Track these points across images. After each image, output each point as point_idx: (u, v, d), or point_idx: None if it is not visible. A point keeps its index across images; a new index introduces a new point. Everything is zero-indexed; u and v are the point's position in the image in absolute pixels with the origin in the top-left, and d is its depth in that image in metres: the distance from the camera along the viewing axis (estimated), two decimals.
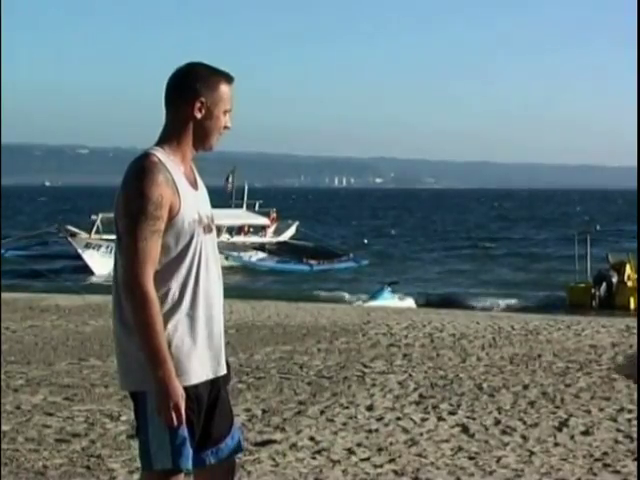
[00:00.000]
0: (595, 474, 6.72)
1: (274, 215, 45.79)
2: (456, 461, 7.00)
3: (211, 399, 3.90)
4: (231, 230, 42.29)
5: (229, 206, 44.03)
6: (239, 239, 42.48)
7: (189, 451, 3.79)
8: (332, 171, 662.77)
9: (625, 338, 13.95)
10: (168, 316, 3.76)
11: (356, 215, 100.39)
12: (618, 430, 7.99)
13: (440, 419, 8.36)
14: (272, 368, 10.81)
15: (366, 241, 57.52)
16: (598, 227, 44.76)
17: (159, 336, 3.67)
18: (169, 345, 3.73)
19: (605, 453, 7.25)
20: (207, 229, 3.88)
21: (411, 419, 8.33)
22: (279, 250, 42.47)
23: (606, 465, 6.92)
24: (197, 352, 3.80)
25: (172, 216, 3.74)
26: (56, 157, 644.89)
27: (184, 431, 3.76)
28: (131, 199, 3.71)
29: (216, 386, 3.92)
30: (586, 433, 7.89)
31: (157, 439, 3.77)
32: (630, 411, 8.65)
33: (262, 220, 44.49)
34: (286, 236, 45.57)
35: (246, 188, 47.23)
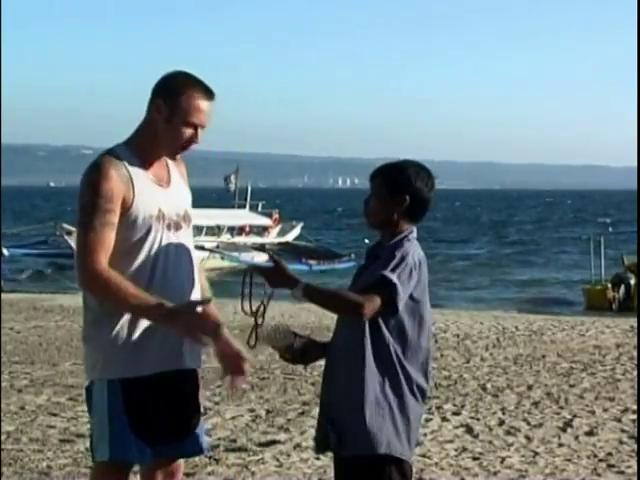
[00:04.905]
0: (599, 474, 6.72)
1: (277, 216, 45.51)
2: (460, 461, 6.99)
3: (172, 394, 3.89)
4: (232, 230, 42.10)
5: (232, 206, 43.86)
6: (240, 239, 42.28)
7: (129, 442, 3.78)
8: (336, 171, 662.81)
9: (629, 339, 13.95)
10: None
11: None
12: (622, 431, 7.98)
13: (444, 419, 8.36)
14: (276, 369, 10.80)
15: (367, 241, 57.24)
16: (611, 229, 44.60)
17: (136, 297, 3.70)
18: (122, 335, 3.77)
19: (609, 454, 7.25)
20: (174, 226, 3.89)
21: None
22: (279, 251, 42.26)
23: (610, 466, 6.92)
24: (150, 344, 3.82)
25: (124, 210, 3.77)
26: (60, 158, 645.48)
27: (124, 422, 3.77)
28: (82, 193, 3.78)
29: (179, 382, 3.91)
30: (590, 433, 7.89)
31: (99, 430, 3.81)
32: (634, 412, 8.65)
33: (264, 220, 44.26)
34: (290, 237, 45.32)
35: (249, 188, 46.95)
